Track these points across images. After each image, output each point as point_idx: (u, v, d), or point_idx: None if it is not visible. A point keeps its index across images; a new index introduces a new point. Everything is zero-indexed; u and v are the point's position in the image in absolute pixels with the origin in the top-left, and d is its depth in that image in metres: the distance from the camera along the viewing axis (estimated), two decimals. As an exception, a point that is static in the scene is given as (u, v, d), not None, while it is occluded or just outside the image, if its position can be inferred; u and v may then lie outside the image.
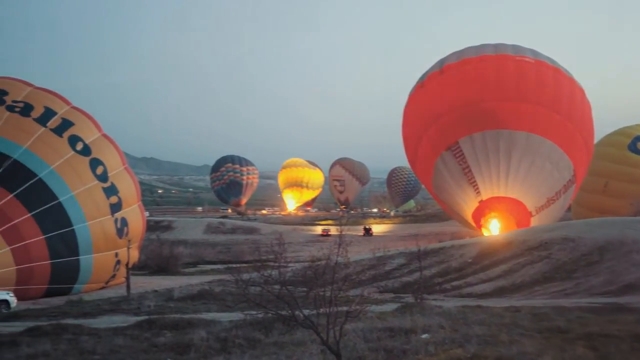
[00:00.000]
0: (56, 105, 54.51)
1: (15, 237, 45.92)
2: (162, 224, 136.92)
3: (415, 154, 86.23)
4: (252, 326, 24.25)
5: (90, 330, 26.15)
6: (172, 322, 27.27)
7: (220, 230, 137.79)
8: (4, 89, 53.74)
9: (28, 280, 46.23)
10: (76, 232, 49.04)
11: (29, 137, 50.32)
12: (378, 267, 57.43)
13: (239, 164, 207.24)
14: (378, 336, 22.01)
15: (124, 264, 51.02)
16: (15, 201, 46.93)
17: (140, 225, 58.25)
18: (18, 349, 22.08)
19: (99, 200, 51.60)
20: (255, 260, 48.83)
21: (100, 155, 53.48)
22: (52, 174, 49.29)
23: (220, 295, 41.46)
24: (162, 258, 74.96)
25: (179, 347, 21.82)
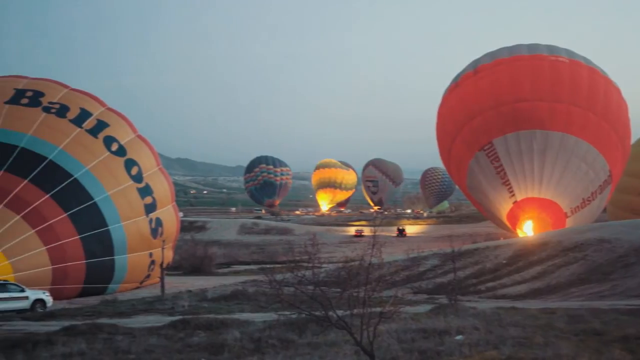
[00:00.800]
0: (92, 107, 54.93)
1: (51, 237, 46.31)
2: (196, 225, 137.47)
3: (449, 155, 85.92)
4: (286, 327, 24.26)
5: (125, 329, 26.29)
6: (206, 322, 27.35)
7: (253, 230, 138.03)
8: (40, 90, 54.26)
9: (63, 279, 46.60)
10: (111, 232, 49.36)
11: (65, 138, 50.74)
12: (412, 268, 57.27)
13: (273, 164, 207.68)
14: (412, 337, 21.94)
15: (158, 264, 51.27)
16: (51, 201, 47.34)
17: (175, 226, 58.51)
18: (54, 347, 22.25)
19: (134, 200, 51.90)
20: (288, 260, 48.96)
21: (135, 156, 53.79)
22: (88, 175, 49.66)
23: (254, 296, 41.55)
24: (196, 258, 75.29)
25: (213, 347, 21.87)
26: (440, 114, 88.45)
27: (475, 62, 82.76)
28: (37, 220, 46.20)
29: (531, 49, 79.17)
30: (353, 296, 18.44)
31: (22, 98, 52.92)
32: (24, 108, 52.13)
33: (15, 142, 49.10)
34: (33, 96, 53.28)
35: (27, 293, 39.22)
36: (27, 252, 44.91)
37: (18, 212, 45.90)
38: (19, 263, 44.23)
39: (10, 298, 38.28)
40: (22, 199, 46.54)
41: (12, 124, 50.43)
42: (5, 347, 22.72)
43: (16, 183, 47.09)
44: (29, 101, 52.75)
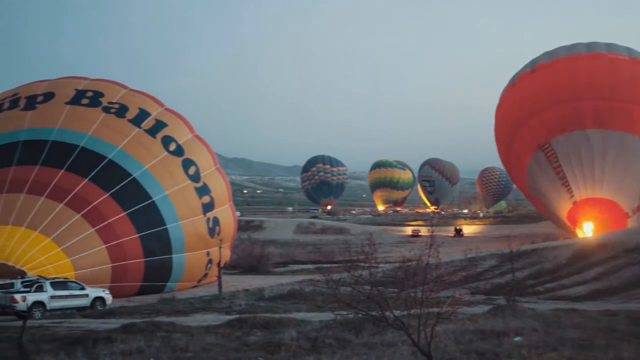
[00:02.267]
0: (150, 107, 55.53)
1: (111, 235, 46.91)
2: (253, 224, 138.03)
3: (508, 155, 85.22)
4: (343, 326, 24.20)
5: (183, 328, 26.47)
6: (263, 321, 27.40)
7: (310, 230, 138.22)
8: (100, 90, 55.03)
9: (123, 277, 47.15)
10: (169, 231, 49.82)
11: (124, 137, 51.38)
12: (469, 269, 56.81)
13: (330, 164, 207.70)
14: (470, 338, 21.76)
15: (215, 263, 51.56)
16: (110, 200, 47.96)
17: (232, 225, 58.82)
18: (113, 345, 22.48)
19: (192, 199, 52.29)
20: (345, 260, 48.83)
21: (193, 155, 54.21)
22: (146, 174, 50.19)
23: (311, 295, 41.56)
24: (253, 257, 75.61)
25: (270, 346, 21.89)
26: (498, 114, 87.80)
27: (533, 62, 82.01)
28: (96, 218, 46.83)
29: (590, 47, 78.12)
30: (410, 296, 18.33)
31: (82, 98, 53.75)
32: (84, 108, 52.95)
33: (75, 142, 49.88)
34: (93, 96, 54.07)
35: (87, 291, 39.73)
36: (87, 251, 45.55)
37: (78, 211, 46.59)
38: (79, 261, 44.88)
39: (70, 296, 38.80)
40: (82, 197, 47.23)
41: (73, 124, 51.25)
42: (66, 344, 23.04)
43: (76, 182, 47.81)
44: (89, 101, 53.56)
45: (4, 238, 44.32)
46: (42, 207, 46.16)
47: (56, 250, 44.62)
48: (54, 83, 57.41)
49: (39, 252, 44.15)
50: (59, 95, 54.21)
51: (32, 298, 36.67)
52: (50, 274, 41.85)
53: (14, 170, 48.22)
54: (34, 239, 44.63)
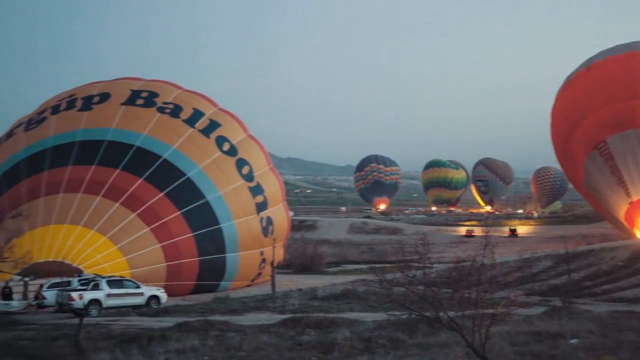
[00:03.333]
0: (204, 107, 55.92)
1: (166, 234, 47.33)
2: (306, 224, 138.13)
3: (564, 154, 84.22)
4: (396, 327, 24.13)
5: (237, 327, 26.59)
6: (316, 320, 27.41)
7: (363, 230, 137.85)
8: (155, 91, 55.58)
9: (177, 276, 47.52)
10: (223, 230, 50.08)
11: (178, 137, 51.82)
12: (524, 269, 56.25)
13: (383, 163, 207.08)
14: (525, 340, 21.56)
15: (269, 262, 51.68)
16: (165, 199, 48.40)
17: (285, 225, 58.96)
18: (168, 343, 22.67)
19: (245, 199, 52.52)
20: (399, 260, 48.63)
21: (246, 155, 54.44)
22: (200, 174, 50.55)
23: (364, 295, 41.49)
24: (306, 257, 75.65)
25: (323, 346, 21.89)
26: (554, 113, 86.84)
27: (589, 60, 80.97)
28: (151, 218, 47.31)
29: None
30: (464, 297, 18.22)
31: (137, 99, 54.36)
32: (139, 108, 53.54)
33: (131, 142, 50.48)
34: (148, 97, 54.66)
35: (143, 289, 40.08)
36: (143, 249, 46.04)
37: (134, 210, 47.12)
38: (134, 260, 45.38)
39: (126, 294, 39.17)
40: (137, 197, 47.76)
41: (128, 124, 51.86)
42: (122, 341, 23.29)
43: (132, 181, 48.38)
44: (144, 102, 54.16)
45: (61, 237, 45.01)
46: (99, 206, 46.81)
47: (112, 248, 45.18)
48: (109, 84, 58.15)
49: (96, 251, 44.76)
50: (114, 95, 54.90)
51: (89, 296, 37.09)
52: (106, 272, 42.33)
53: (71, 170, 48.97)
54: (90, 237, 45.26)
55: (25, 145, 52.38)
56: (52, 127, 53.07)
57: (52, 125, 53.32)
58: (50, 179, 48.90)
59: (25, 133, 54.07)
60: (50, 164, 49.94)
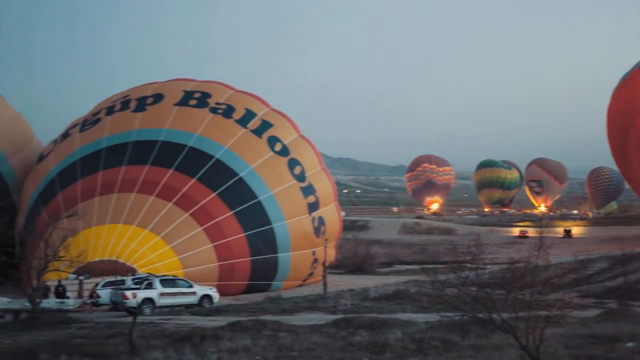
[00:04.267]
0: (256, 107, 56.13)
1: (218, 234, 47.60)
2: (358, 224, 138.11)
3: (620, 154, 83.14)
4: (448, 328, 23.95)
5: (288, 327, 26.63)
6: (368, 321, 27.34)
7: (415, 230, 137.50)
8: (207, 92, 55.96)
9: (230, 276, 47.75)
10: (275, 230, 50.20)
11: (231, 137, 52.09)
12: (579, 271, 55.54)
13: (436, 164, 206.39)
14: (580, 343, 21.23)
15: (320, 262, 51.69)
16: (217, 200, 48.69)
17: (337, 225, 58.91)
18: (220, 342, 22.78)
19: (297, 199, 52.58)
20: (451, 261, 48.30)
21: (298, 155, 54.51)
22: (252, 174, 50.73)
23: (416, 296, 41.30)
24: (358, 257, 75.58)
25: (375, 346, 21.81)
26: (609, 112, 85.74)
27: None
28: (204, 217, 47.62)
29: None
30: (518, 299, 18.02)
31: (190, 99, 54.79)
32: (192, 109, 53.95)
33: (184, 142, 50.90)
34: (201, 97, 55.05)
35: (195, 289, 40.29)
36: (196, 249, 46.37)
37: (186, 210, 47.49)
38: (187, 259, 45.72)
39: (179, 293, 39.45)
40: (190, 197, 48.13)
41: (181, 125, 52.30)
42: (174, 340, 23.46)
43: (185, 181, 48.78)
44: (197, 102, 54.56)
45: (115, 236, 45.56)
46: (152, 206, 47.28)
47: (165, 248, 45.59)
48: (163, 85, 58.69)
49: (149, 250, 45.22)
50: (167, 96, 55.40)
51: (143, 295, 37.43)
52: (160, 271, 42.72)
53: (125, 170, 49.54)
54: (144, 237, 45.74)
55: (80, 146, 53.14)
56: (106, 128, 53.76)
57: (106, 126, 54.01)
58: (105, 179, 49.52)
59: (81, 134, 54.85)
60: (104, 164, 50.58)
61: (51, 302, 37.53)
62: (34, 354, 21.96)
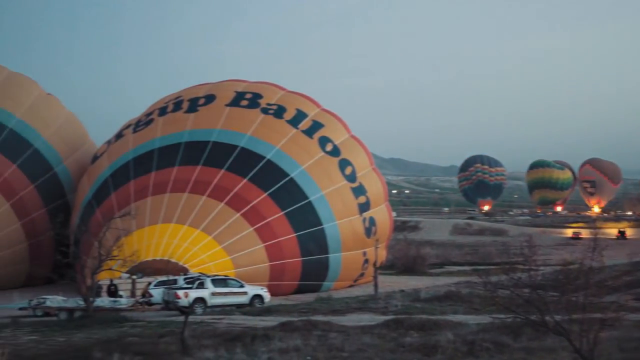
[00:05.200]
0: (307, 108, 56.19)
1: (269, 234, 47.79)
2: (409, 224, 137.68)
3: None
4: (500, 330, 23.75)
5: (339, 327, 26.64)
6: (419, 322, 27.24)
7: (466, 231, 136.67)
8: (259, 92, 56.18)
9: (280, 276, 47.88)
10: (326, 230, 50.21)
11: (282, 138, 52.24)
12: (634, 273, 54.59)
13: (488, 164, 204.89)
14: (635, 346, 20.93)
15: (371, 263, 51.59)
16: (269, 200, 48.88)
17: (388, 225, 58.71)
18: (271, 342, 22.88)
19: (348, 199, 52.52)
20: (503, 262, 47.96)
21: (349, 156, 54.45)
22: (303, 174, 50.82)
23: (468, 297, 40.98)
24: (409, 258, 75.21)
25: (426, 348, 21.73)
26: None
27: None
28: (255, 218, 47.84)
29: None
30: (571, 301, 17.81)
31: (242, 100, 55.06)
32: (243, 110, 54.23)
33: (235, 142, 51.19)
34: (252, 98, 55.28)
35: (247, 288, 40.46)
36: (247, 249, 46.61)
37: (238, 210, 47.76)
38: (239, 259, 45.97)
39: (230, 293, 39.66)
40: (241, 197, 48.39)
41: (233, 125, 52.60)
42: (226, 340, 23.61)
43: (236, 182, 49.06)
44: (248, 103, 54.81)
45: (167, 236, 45.99)
46: (204, 206, 47.65)
47: (217, 248, 45.90)
48: (215, 86, 59.04)
49: (201, 250, 45.56)
50: (219, 97, 55.74)
51: (194, 294, 37.72)
52: (211, 271, 42.99)
53: (177, 170, 50.01)
54: (196, 237, 46.11)
55: (133, 146, 53.77)
56: (159, 129, 54.31)
57: (159, 127, 54.56)
58: (157, 179, 50.04)
59: (134, 134, 55.48)
60: (157, 164, 51.11)
61: (105, 301, 38.01)
62: (87, 352, 22.27)
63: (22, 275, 54.64)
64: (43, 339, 28.25)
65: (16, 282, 53.38)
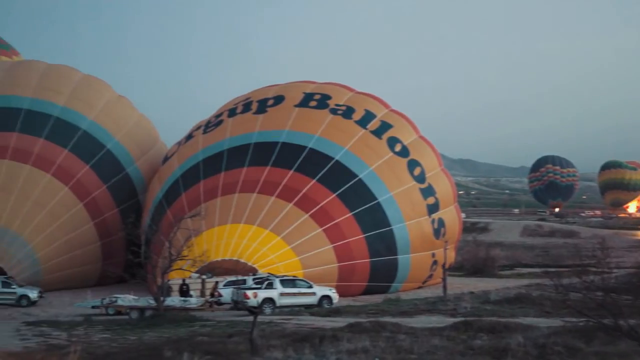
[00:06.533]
0: (376, 108, 56.12)
1: (338, 235, 47.85)
2: (478, 226, 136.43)
3: None
4: (572, 334, 23.35)
5: (408, 329, 26.47)
6: (489, 325, 26.93)
7: (537, 232, 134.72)
8: (327, 93, 56.31)
9: (349, 277, 47.90)
10: (394, 232, 50.08)
11: (350, 138, 52.28)
12: None
13: (560, 165, 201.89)
14: None
15: (440, 264, 51.26)
16: (337, 201, 48.96)
17: (457, 227, 58.31)
18: (339, 343, 22.85)
19: (416, 201, 52.30)
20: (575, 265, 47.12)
21: (418, 156, 54.22)
22: (372, 175, 50.78)
23: (538, 300, 40.40)
24: (478, 260, 74.56)
25: (496, 351, 21.47)
26: None
27: None
28: (324, 218, 47.97)
29: None
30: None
31: (310, 101, 55.30)
32: (312, 110, 54.44)
33: (304, 143, 51.41)
34: (321, 99, 55.46)
35: (315, 289, 40.53)
36: (315, 250, 46.75)
37: (306, 211, 47.95)
38: (307, 260, 46.14)
39: (299, 293, 39.79)
40: (310, 198, 48.57)
41: (301, 126, 52.83)
42: (294, 340, 23.67)
43: (304, 183, 49.27)
44: (317, 104, 55.01)
45: (236, 236, 46.40)
46: (273, 206, 47.96)
47: (285, 248, 46.15)
48: (283, 87, 59.39)
49: (270, 250, 45.87)
50: (288, 98, 56.05)
51: (263, 295, 37.95)
52: (280, 271, 43.23)
53: (246, 171, 50.43)
54: (265, 237, 46.45)
55: (203, 147, 54.40)
56: (228, 130, 54.82)
57: (228, 128, 55.07)
58: (227, 179, 50.54)
59: (204, 135, 56.10)
60: (226, 165, 51.64)
61: (175, 300, 38.48)
62: (157, 351, 22.55)
63: (95, 274, 55.64)
64: (115, 337, 28.75)
65: (89, 281, 54.35)
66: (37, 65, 63.67)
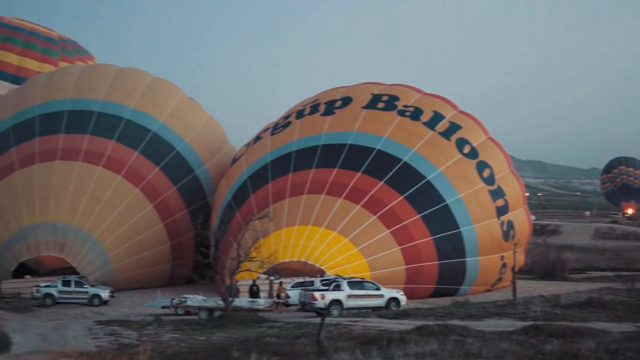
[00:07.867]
0: (444, 110, 55.76)
1: (405, 237, 47.67)
2: (548, 228, 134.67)
3: None
4: (646, 339, 22.87)
5: (476, 332, 26.21)
6: (559, 329, 26.50)
7: (609, 235, 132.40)
8: (395, 95, 56.16)
9: (417, 279, 47.68)
10: (462, 234, 49.71)
11: (419, 140, 52.05)
12: None
13: (633, 166, 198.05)
14: None
15: (509, 267, 50.68)
16: (405, 203, 48.78)
17: (526, 229, 57.61)
18: (407, 346, 22.72)
19: (485, 203, 51.82)
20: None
21: (487, 158, 53.71)
22: (440, 177, 50.49)
23: (610, 305, 39.64)
24: (549, 263, 73.58)
25: (566, 356, 21.12)
26: None
27: None
28: (391, 220, 47.84)
29: None
30: None
31: (378, 102, 55.22)
32: (380, 112, 54.38)
33: (371, 145, 51.35)
34: (388, 100, 55.34)
35: (383, 291, 40.34)
36: (383, 252, 46.67)
37: (374, 213, 47.88)
38: (375, 262, 46.07)
39: (366, 295, 39.67)
40: (377, 199, 48.50)
41: (369, 128, 52.79)
42: (362, 342, 23.62)
43: (372, 184, 49.21)
44: (384, 105, 54.91)
45: (304, 238, 46.54)
46: (340, 208, 47.99)
47: (353, 250, 46.14)
48: (351, 89, 59.40)
49: (338, 252, 45.91)
50: (356, 100, 56.03)
51: (331, 296, 37.92)
52: (348, 273, 43.24)
53: (314, 173, 50.57)
54: (332, 239, 46.50)
55: (271, 149, 54.71)
56: (296, 132, 55.05)
57: (296, 130, 55.31)
58: (295, 181, 50.75)
59: (272, 137, 56.43)
60: (294, 166, 51.86)
61: (243, 301, 38.74)
62: (226, 351, 22.70)
63: (165, 274, 56.42)
64: (184, 337, 29.10)
65: (159, 281, 55.14)
66: (108, 68, 64.85)
